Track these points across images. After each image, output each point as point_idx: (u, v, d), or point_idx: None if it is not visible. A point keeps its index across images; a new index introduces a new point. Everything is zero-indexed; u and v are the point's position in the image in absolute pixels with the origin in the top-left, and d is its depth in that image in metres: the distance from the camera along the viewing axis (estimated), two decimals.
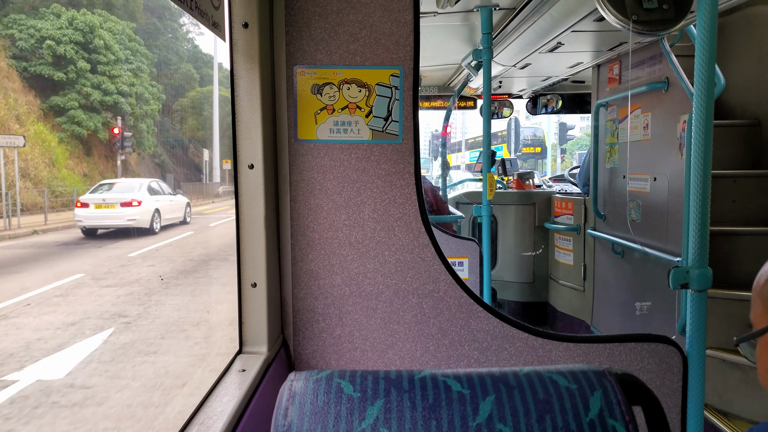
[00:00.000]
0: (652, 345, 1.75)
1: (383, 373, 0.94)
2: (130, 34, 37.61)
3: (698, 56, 1.51)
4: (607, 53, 4.29)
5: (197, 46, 56.83)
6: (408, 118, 1.82)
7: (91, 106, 33.42)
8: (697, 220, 1.54)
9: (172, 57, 51.28)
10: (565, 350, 1.78)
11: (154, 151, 43.39)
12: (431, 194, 4.56)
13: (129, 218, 19.09)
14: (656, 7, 1.88)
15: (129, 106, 35.72)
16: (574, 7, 3.08)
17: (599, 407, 0.89)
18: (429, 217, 1.90)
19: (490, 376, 0.93)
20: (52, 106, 32.13)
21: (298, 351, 1.89)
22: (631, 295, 4.25)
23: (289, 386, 0.92)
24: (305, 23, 1.79)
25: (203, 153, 45.89)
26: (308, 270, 1.86)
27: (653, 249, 3.70)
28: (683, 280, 1.58)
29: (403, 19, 1.78)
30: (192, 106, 49.75)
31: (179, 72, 50.91)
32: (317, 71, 1.81)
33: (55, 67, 32.18)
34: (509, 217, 6.08)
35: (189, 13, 1.40)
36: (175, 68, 50.75)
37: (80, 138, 32.88)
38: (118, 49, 35.31)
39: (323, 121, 1.82)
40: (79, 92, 32.84)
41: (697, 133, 1.52)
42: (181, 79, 50.92)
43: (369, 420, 0.87)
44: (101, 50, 33.88)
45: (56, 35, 32.27)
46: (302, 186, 1.84)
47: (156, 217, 20.26)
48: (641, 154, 3.99)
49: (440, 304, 1.85)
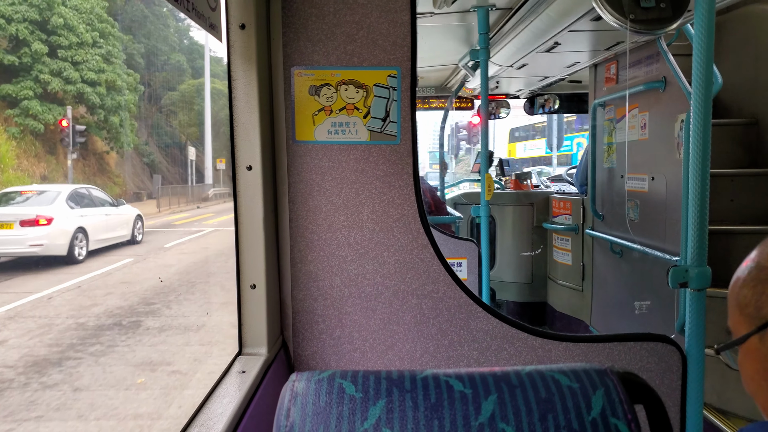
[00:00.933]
0: (652, 344, 1.75)
1: (385, 373, 0.94)
2: (100, 14, 31.91)
3: (696, 55, 1.51)
4: (604, 53, 4.29)
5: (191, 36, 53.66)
6: (406, 119, 1.82)
7: (50, 96, 28.50)
8: (696, 219, 1.54)
9: (162, 46, 46.01)
10: (565, 350, 1.78)
11: (143, 149, 39.45)
12: (429, 195, 4.56)
13: (33, 242, 13.30)
14: (653, 5, 1.88)
15: (97, 97, 30.43)
16: (571, 7, 3.08)
17: (601, 406, 0.89)
18: (427, 217, 1.90)
19: (492, 376, 0.93)
20: (2, 95, 27.19)
21: (298, 352, 1.89)
22: (630, 294, 4.25)
23: (291, 387, 0.92)
24: (302, 24, 1.78)
25: (188, 151, 41.10)
26: (307, 271, 1.86)
27: (651, 248, 3.70)
28: (682, 279, 1.58)
29: (400, 19, 1.78)
30: (183, 100, 45.27)
31: (169, 64, 46.25)
32: (315, 72, 1.81)
33: (4, 49, 27.48)
34: (507, 217, 6.08)
35: (186, 15, 1.39)
36: (164, 59, 45.96)
37: (37, 133, 27.86)
38: (84, 30, 29.95)
39: (321, 122, 1.82)
40: (35, 80, 27.93)
41: (695, 132, 1.52)
42: (173, 71, 46.31)
43: (371, 420, 0.86)
44: (61, 31, 28.70)
45: (5, 12, 27.24)
46: (301, 187, 1.83)
47: (79, 239, 14.46)
48: (639, 154, 4.00)
49: (440, 304, 1.85)
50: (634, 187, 4.06)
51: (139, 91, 35.69)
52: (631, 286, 4.26)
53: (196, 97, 45.03)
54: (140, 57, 41.37)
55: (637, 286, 4.15)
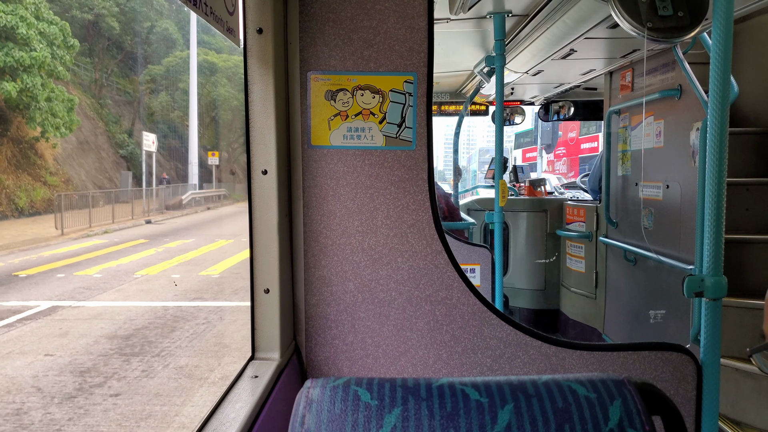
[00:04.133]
0: (666, 354, 1.74)
1: (400, 380, 0.94)
2: None
3: (713, 64, 1.50)
4: (619, 60, 4.28)
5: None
6: (421, 125, 1.82)
7: None
8: (712, 228, 1.53)
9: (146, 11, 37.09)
10: (579, 358, 1.77)
11: (120, 139, 30.77)
12: (443, 201, 4.56)
13: None
14: (671, 14, 1.87)
15: None
16: (588, 14, 3.08)
17: (619, 417, 0.88)
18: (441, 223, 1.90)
19: (509, 385, 0.92)
20: None
21: (311, 357, 1.89)
22: (643, 302, 4.23)
23: (306, 393, 0.92)
24: (319, 29, 1.79)
25: (143, 139, 28.50)
26: (321, 276, 1.86)
27: (665, 257, 3.68)
28: (698, 288, 1.57)
29: (417, 25, 1.79)
30: (166, 77, 36.87)
31: (154, 32, 37.47)
32: (331, 77, 1.81)
33: None
34: (521, 223, 6.07)
35: (204, 19, 1.41)
36: (148, 26, 37.02)
37: None
38: None
39: (337, 127, 1.82)
40: None
41: (711, 140, 1.51)
42: (157, 41, 37.45)
43: (387, 428, 0.86)
44: None
45: None
46: (315, 192, 1.84)
47: None
48: (654, 162, 3.98)
49: (453, 311, 1.85)
50: (649, 195, 4.04)
51: (75, 49, 26.26)
52: (644, 294, 4.24)
53: (182, 74, 36.67)
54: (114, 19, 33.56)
55: (650, 295, 4.13)
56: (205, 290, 11.07)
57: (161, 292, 10.98)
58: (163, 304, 9.92)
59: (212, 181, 36.42)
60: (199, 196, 31.40)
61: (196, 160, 34.65)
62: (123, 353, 7.35)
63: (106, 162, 30.15)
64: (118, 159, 31.39)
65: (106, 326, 8.57)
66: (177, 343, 7.71)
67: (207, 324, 8.62)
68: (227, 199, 36.40)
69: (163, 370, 6.67)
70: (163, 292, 10.92)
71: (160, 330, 8.34)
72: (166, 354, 7.25)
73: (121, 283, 11.71)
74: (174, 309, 9.60)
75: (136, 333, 8.21)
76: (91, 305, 9.97)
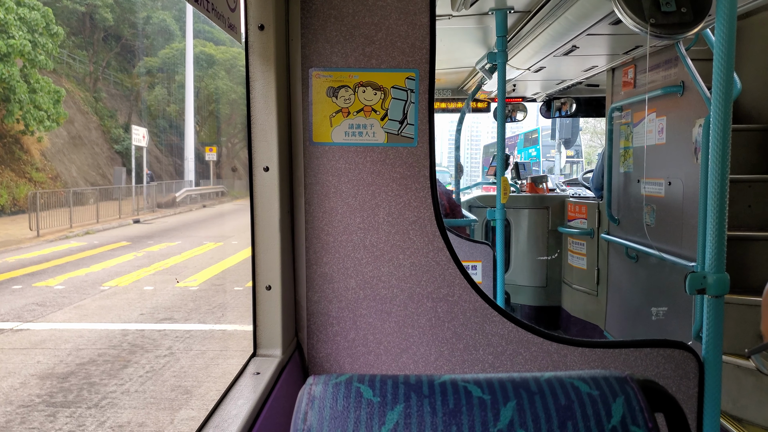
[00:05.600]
0: (668, 351, 1.73)
1: (402, 377, 0.94)
2: None
3: (717, 60, 1.50)
4: (622, 57, 4.27)
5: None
6: (423, 121, 1.82)
7: None
8: (715, 225, 1.53)
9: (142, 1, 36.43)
10: (581, 355, 1.77)
11: (116, 134, 29.45)
12: (445, 198, 4.56)
13: None
14: (674, 10, 1.87)
15: None
16: (590, 10, 3.07)
17: (621, 414, 0.88)
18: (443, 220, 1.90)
19: (511, 382, 0.92)
20: None
21: (312, 354, 1.89)
22: (645, 299, 4.23)
23: (308, 390, 0.92)
24: (321, 26, 1.79)
25: (132, 133, 27.02)
26: (323, 273, 1.86)
27: (667, 254, 3.68)
28: (700, 285, 1.57)
29: (419, 21, 1.78)
30: (163, 70, 35.72)
31: (150, 23, 36.34)
32: (333, 74, 1.81)
33: None
34: (522, 220, 6.07)
35: (206, 15, 1.40)
36: (144, 17, 36.09)
37: None
38: None
39: (338, 123, 1.82)
40: None
41: (714, 137, 1.51)
42: (154, 33, 36.40)
43: (389, 425, 0.86)
44: None
45: None
46: (317, 189, 1.84)
47: None
48: (656, 158, 3.97)
49: (455, 308, 1.84)
50: (651, 192, 4.03)
51: (60, 37, 24.42)
52: (646, 291, 4.24)
53: (179, 66, 35.43)
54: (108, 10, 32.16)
55: (652, 292, 4.13)
56: (178, 307, 9.58)
57: (126, 309, 9.47)
58: (123, 327, 8.43)
59: (210, 178, 35.17)
60: (194, 194, 30.12)
61: (192, 156, 33.39)
62: (51, 403, 5.72)
63: (100, 157, 28.89)
64: (113, 154, 30.15)
65: (45, 360, 7.01)
66: (126, 385, 6.14)
67: (170, 356, 7.12)
68: (225, 196, 35.25)
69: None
70: (128, 310, 9.40)
71: (110, 365, 6.80)
72: (107, 404, 5.67)
73: (83, 297, 10.26)
74: (134, 334, 8.09)
75: (78, 370, 6.64)
76: (37, 328, 8.39)
